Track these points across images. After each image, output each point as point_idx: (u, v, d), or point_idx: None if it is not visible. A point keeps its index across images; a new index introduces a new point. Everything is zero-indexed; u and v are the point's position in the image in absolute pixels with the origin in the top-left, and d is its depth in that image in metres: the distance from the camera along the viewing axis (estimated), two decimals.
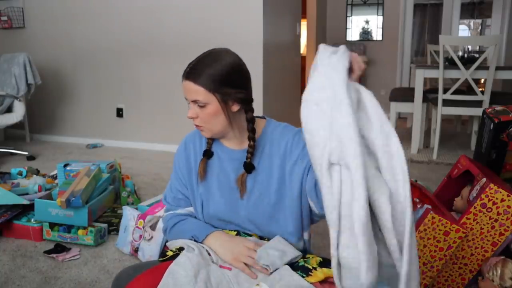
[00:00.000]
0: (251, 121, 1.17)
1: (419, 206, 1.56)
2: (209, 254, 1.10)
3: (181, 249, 1.14)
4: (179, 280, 0.98)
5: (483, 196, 1.33)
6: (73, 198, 1.94)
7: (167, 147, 3.91)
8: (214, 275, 1.03)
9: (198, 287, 0.97)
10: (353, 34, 6.08)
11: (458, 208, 1.58)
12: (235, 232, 1.18)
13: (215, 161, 1.21)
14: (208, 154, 1.21)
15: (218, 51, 1.14)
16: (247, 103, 1.15)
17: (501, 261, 1.29)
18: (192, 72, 1.10)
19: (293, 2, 4.31)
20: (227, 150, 1.21)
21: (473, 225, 1.36)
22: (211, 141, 1.22)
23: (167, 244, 1.22)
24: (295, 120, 4.52)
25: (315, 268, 1.06)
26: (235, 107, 1.13)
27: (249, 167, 1.16)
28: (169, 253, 1.16)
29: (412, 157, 3.60)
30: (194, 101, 1.11)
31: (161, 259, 1.17)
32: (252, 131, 1.17)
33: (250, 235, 1.17)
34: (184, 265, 1.02)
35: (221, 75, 1.10)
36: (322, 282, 1.03)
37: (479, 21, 6.23)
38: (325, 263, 1.10)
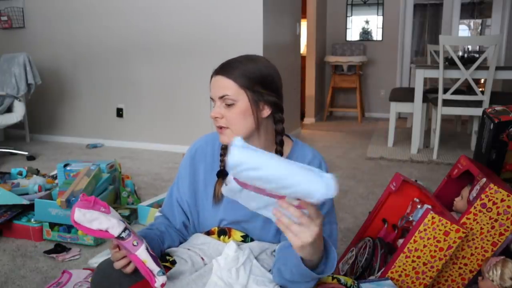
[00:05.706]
0: (280, 132, 1.08)
1: (419, 206, 1.56)
2: (202, 258, 1.07)
3: (173, 262, 1.07)
4: None
5: (483, 196, 1.33)
6: (73, 198, 1.94)
7: (167, 147, 3.92)
8: None
9: None
10: (353, 34, 6.08)
11: (458, 208, 1.58)
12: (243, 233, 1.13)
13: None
14: (223, 175, 1.09)
15: (254, 55, 1.08)
16: (278, 109, 1.07)
17: (501, 261, 1.29)
18: (224, 68, 1.03)
19: (293, 2, 4.31)
20: None
21: (473, 225, 1.35)
22: (225, 157, 1.10)
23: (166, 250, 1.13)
24: (294, 120, 4.50)
25: None
26: (266, 112, 1.05)
27: None
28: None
29: (412, 157, 3.60)
30: (222, 98, 1.02)
31: None
32: (280, 143, 1.08)
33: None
34: None
35: (254, 73, 1.03)
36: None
37: (479, 21, 6.22)
38: None
